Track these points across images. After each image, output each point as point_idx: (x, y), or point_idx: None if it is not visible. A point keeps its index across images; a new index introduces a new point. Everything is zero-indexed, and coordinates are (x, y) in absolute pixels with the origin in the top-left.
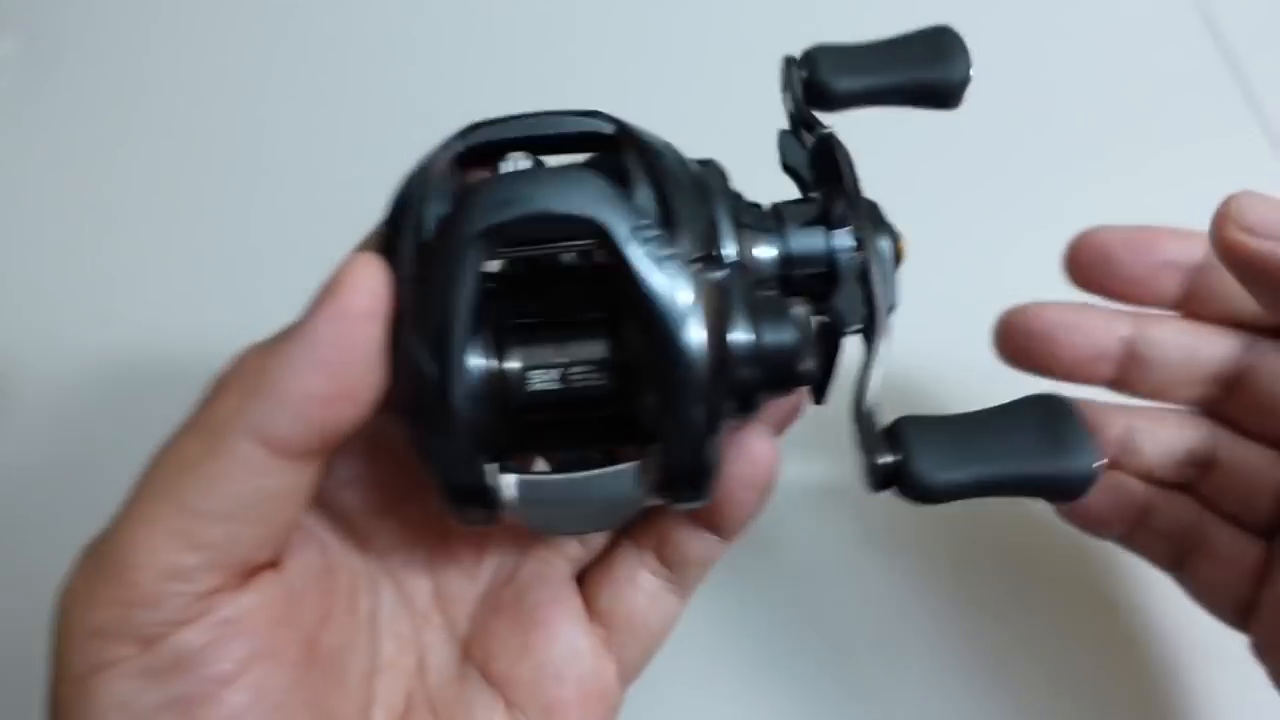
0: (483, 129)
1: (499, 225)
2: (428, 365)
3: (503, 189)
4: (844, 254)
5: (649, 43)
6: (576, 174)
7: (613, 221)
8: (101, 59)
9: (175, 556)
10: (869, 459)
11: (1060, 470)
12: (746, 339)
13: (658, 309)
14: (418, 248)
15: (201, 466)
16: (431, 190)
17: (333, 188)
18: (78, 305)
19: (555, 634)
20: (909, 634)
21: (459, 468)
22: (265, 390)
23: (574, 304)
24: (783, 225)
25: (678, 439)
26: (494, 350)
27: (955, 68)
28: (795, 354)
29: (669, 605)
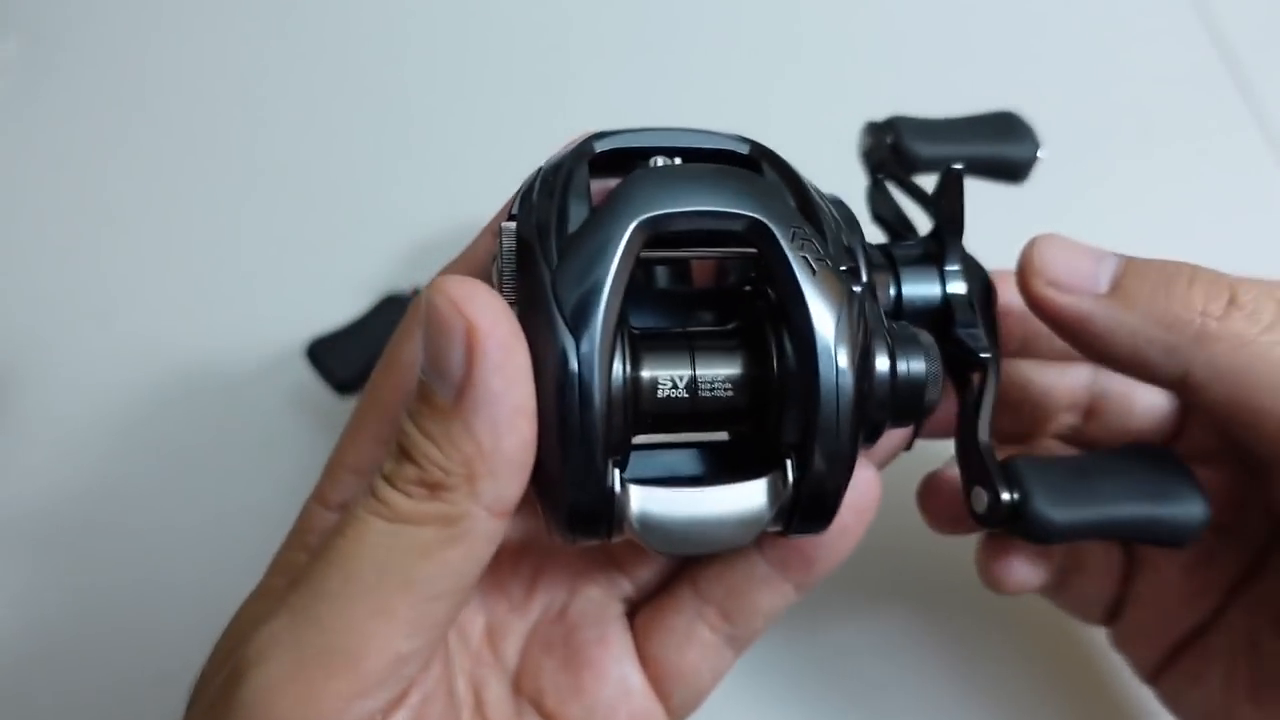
0: (613, 136)
1: (660, 216)
2: (573, 350)
3: (665, 180)
4: (957, 297)
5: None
6: (730, 172)
7: (774, 222)
8: (102, 60)
9: (404, 644)
10: (990, 495)
11: (1172, 515)
12: (887, 363)
13: (811, 313)
14: (560, 226)
15: (441, 553)
16: (571, 188)
17: (333, 188)
18: (78, 305)
19: (605, 675)
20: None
21: (589, 474)
22: (490, 466)
23: (708, 318)
24: (895, 266)
25: (824, 453)
26: (628, 355)
27: (1025, 147)
28: (925, 383)
29: (724, 659)
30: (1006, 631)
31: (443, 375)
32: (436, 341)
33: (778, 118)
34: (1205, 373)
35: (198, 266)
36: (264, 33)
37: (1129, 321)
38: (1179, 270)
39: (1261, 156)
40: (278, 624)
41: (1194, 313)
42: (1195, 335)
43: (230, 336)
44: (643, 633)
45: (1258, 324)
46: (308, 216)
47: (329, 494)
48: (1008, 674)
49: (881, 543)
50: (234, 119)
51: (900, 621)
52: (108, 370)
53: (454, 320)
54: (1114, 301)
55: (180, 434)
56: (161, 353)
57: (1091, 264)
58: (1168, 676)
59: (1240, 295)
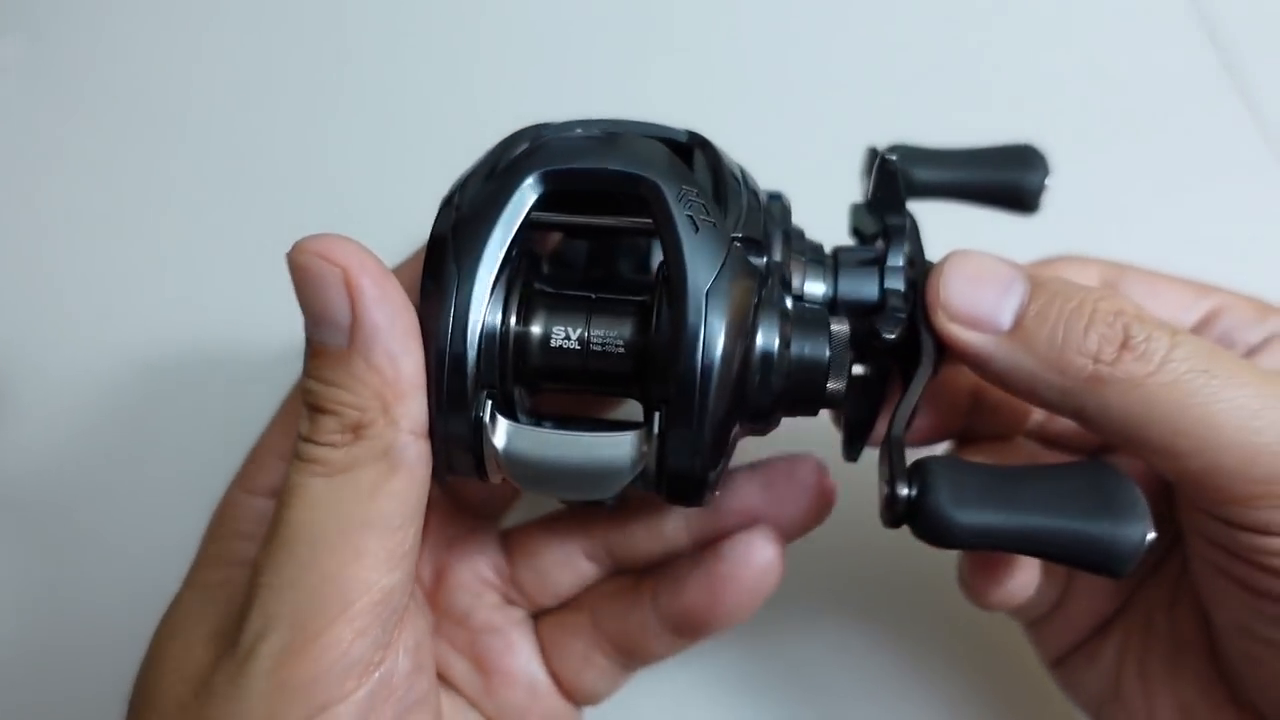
0: (560, 125)
1: (556, 171)
2: (454, 280)
3: (568, 140)
4: (894, 298)
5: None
6: (640, 140)
7: (663, 181)
8: (104, 59)
9: (386, 578)
10: (890, 490)
11: (1107, 533)
12: (773, 342)
13: (686, 265)
14: (484, 181)
15: (386, 486)
16: (499, 164)
17: (333, 188)
18: (78, 304)
19: (514, 680)
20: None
21: (459, 402)
22: (398, 390)
23: (617, 290)
24: (837, 266)
25: (682, 413)
26: (522, 306)
27: (1032, 176)
28: (825, 371)
29: (623, 677)
30: (967, 637)
31: (331, 323)
32: (317, 294)
33: (783, 138)
34: (1098, 414)
35: (198, 265)
36: (264, 32)
37: (1026, 364)
38: (1079, 310)
39: (1261, 156)
40: (264, 602)
41: (1087, 358)
42: (1087, 380)
43: (230, 335)
44: (546, 643)
45: (1149, 364)
46: (307, 216)
47: (256, 479)
48: (969, 680)
49: (842, 549)
50: (234, 118)
51: (859, 628)
52: (107, 368)
53: (327, 270)
54: (1013, 344)
55: (180, 432)
56: (161, 351)
57: (997, 294)
58: (1070, 660)
59: (1133, 335)
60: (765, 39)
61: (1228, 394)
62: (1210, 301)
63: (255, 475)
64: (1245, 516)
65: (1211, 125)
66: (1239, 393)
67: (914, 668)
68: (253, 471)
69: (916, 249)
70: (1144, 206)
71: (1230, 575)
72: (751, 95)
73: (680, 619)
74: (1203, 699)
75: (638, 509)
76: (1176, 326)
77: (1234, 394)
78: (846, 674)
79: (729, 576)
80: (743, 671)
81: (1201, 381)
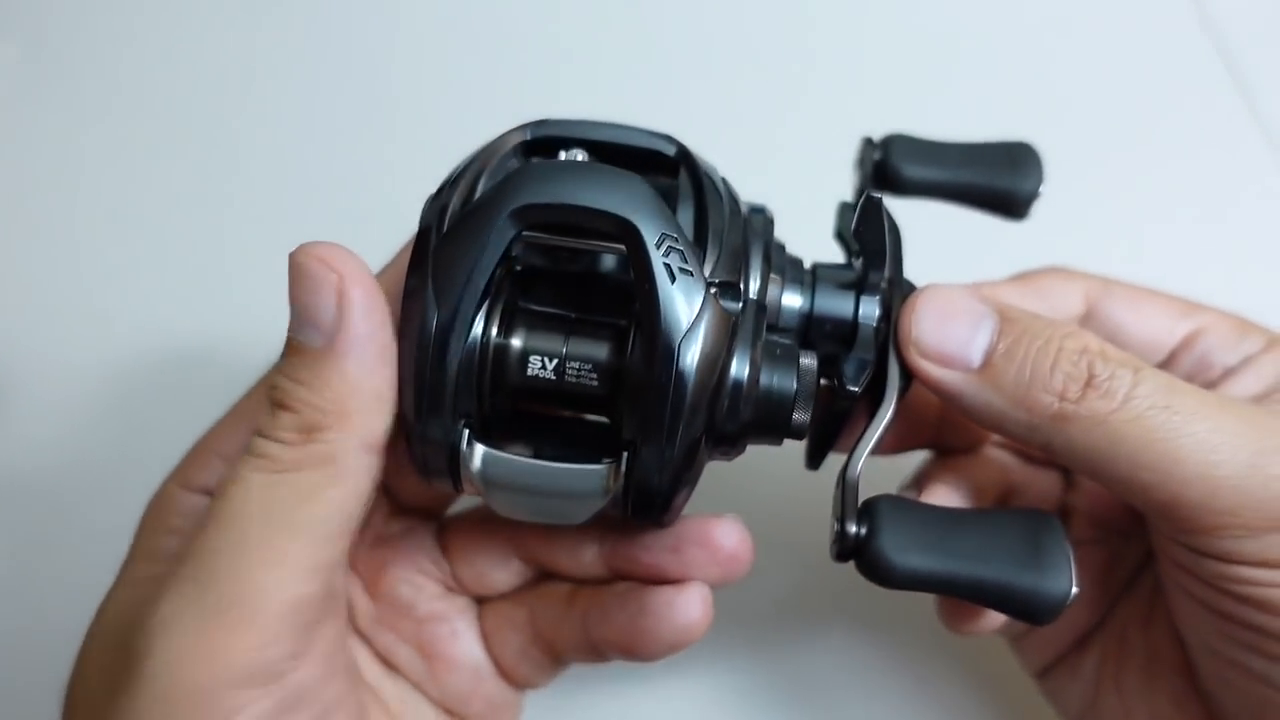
0: (551, 124)
1: (535, 206)
2: (434, 313)
3: (549, 173)
4: (866, 322)
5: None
6: (622, 175)
7: (644, 225)
8: (102, 61)
9: (301, 588)
10: (839, 527)
11: (1032, 586)
12: (744, 374)
13: (660, 315)
14: (462, 210)
15: (325, 493)
16: (490, 167)
17: (333, 187)
18: (77, 304)
19: (458, 665)
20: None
21: (436, 426)
22: (359, 401)
23: (595, 308)
24: (815, 283)
25: (652, 450)
26: (502, 323)
27: (1026, 182)
28: (791, 403)
29: (556, 671)
30: (975, 647)
31: (315, 324)
32: (309, 294)
33: (781, 133)
34: (1063, 449)
35: (198, 265)
36: (263, 32)
37: (995, 401)
38: (1045, 349)
39: (1262, 156)
40: (173, 595)
41: (1053, 396)
42: (1052, 418)
43: (230, 335)
44: (488, 630)
45: (1112, 401)
46: (307, 215)
47: (193, 476)
48: (976, 691)
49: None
50: (233, 118)
51: (867, 637)
52: (106, 368)
53: (324, 274)
54: (982, 382)
55: (180, 432)
56: (161, 350)
57: (967, 331)
58: (1053, 673)
59: (1097, 374)
60: (761, 35)
61: (1189, 429)
62: (1192, 322)
63: (193, 471)
64: (1209, 545)
65: (1213, 126)
66: (1200, 427)
67: (922, 677)
68: (191, 467)
69: (896, 269)
70: (1145, 207)
71: (1198, 599)
72: (744, 87)
73: (603, 647)
74: (1178, 714)
75: (561, 533)
76: (1139, 363)
77: (1195, 429)
78: (853, 683)
79: (649, 631)
80: (752, 681)
81: (1163, 418)
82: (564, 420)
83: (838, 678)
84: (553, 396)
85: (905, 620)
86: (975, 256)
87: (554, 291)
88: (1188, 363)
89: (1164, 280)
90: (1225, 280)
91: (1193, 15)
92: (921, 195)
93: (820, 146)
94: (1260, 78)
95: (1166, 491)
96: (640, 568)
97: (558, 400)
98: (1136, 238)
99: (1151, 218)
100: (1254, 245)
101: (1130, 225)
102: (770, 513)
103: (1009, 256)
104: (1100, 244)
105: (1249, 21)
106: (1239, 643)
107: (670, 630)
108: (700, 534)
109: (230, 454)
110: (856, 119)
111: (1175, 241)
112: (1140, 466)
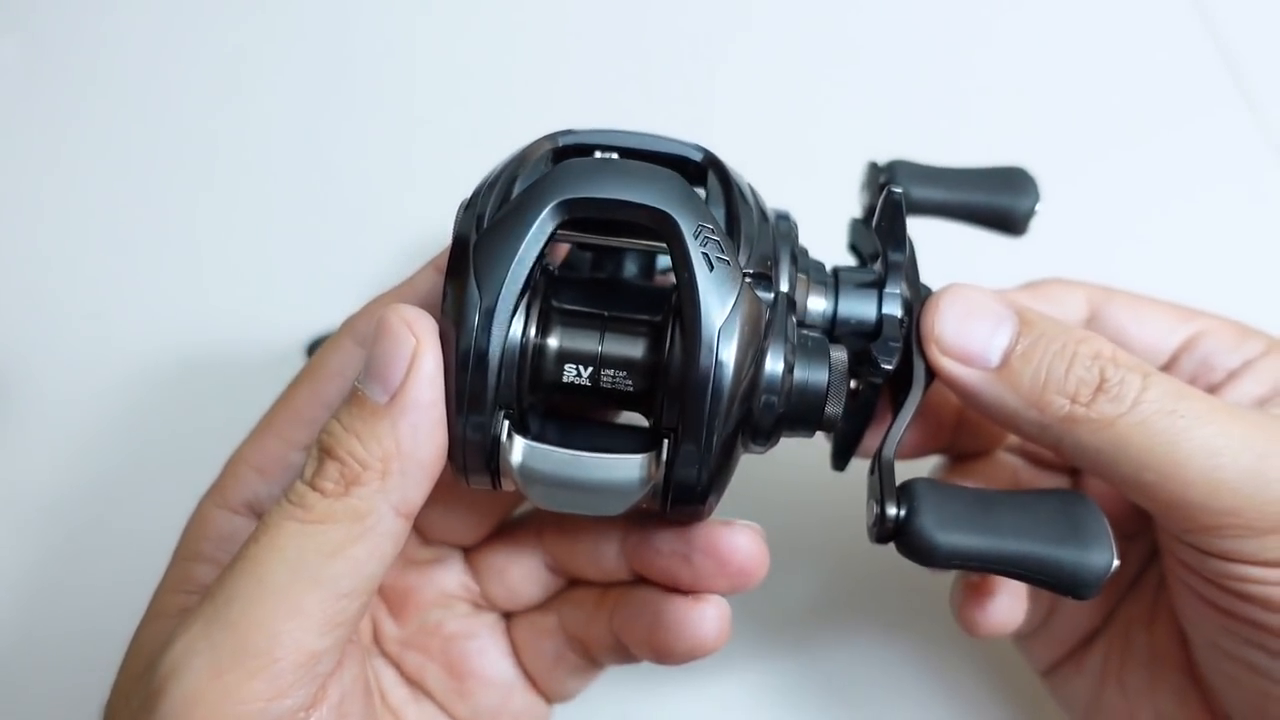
0: (579, 133)
1: (576, 200)
2: (475, 309)
3: (588, 169)
4: (890, 319)
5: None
6: (657, 171)
7: (681, 216)
8: (101, 60)
9: (316, 641)
10: (878, 510)
11: (1074, 559)
12: (779, 365)
13: (700, 303)
14: (498, 211)
15: (350, 551)
16: (523, 171)
17: (333, 188)
18: (77, 304)
19: (488, 680)
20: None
21: (478, 418)
22: (404, 464)
23: (628, 306)
24: (838, 286)
25: (691, 440)
26: (540, 322)
27: (1023, 200)
28: (824, 395)
29: (591, 676)
30: (1001, 647)
31: (381, 380)
32: (385, 351)
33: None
34: (1072, 450)
35: (198, 266)
36: (264, 33)
37: (1010, 400)
38: (1061, 353)
39: (1262, 156)
40: (192, 634)
41: (1065, 398)
42: (1063, 419)
43: (231, 335)
44: (518, 642)
45: (1121, 405)
46: (308, 216)
47: (230, 492)
48: (1003, 690)
49: (880, 556)
50: (234, 118)
51: (895, 638)
52: (107, 369)
53: (404, 335)
54: (1000, 381)
55: (181, 432)
56: (162, 352)
57: (988, 329)
58: (1059, 670)
59: (1108, 378)
60: (772, 48)
61: (1194, 433)
62: (1192, 326)
63: (229, 489)
64: (1211, 544)
65: (1214, 128)
66: (1204, 431)
67: (948, 678)
68: (227, 485)
69: (913, 272)
70: (1145, 209)
71: (1202, 596)
72: (759, 102)
73: (629, 649)
74: (1181, 710)
75: (583, 533)
76: (1149, 368)
77: (1200, 433)
78: (881, 684)
79: (666, 639)
80: (783, 682)
81: (1169, 422)
82: (597, 419)
83: (864, 677)
84: (590, 400)
85: (930, 621)
86: (975, 261)
87: (585, 294)
88: (1190, 365)
89: (1164, 279)
90: (1225, 280)
91: (1193, 15)
92: (925, 214)
93: (824, 166)
94: (1261, 77)
95: (1170, 492)
96: (656, 571)
97: (594, 398)
98: (1137, 238)
99: (1151, 219)
100: (1254, 245)
101: (1130, 226)
102: (798, 513)
103: (1009, 256)
104: (1100, 245)
105: (1249, 22)
106: (1241, 638)
107: (685, 643)
108: (709, 543)
109: (264, 466)
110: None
111: (1175, 241)
112: (1145, 468)
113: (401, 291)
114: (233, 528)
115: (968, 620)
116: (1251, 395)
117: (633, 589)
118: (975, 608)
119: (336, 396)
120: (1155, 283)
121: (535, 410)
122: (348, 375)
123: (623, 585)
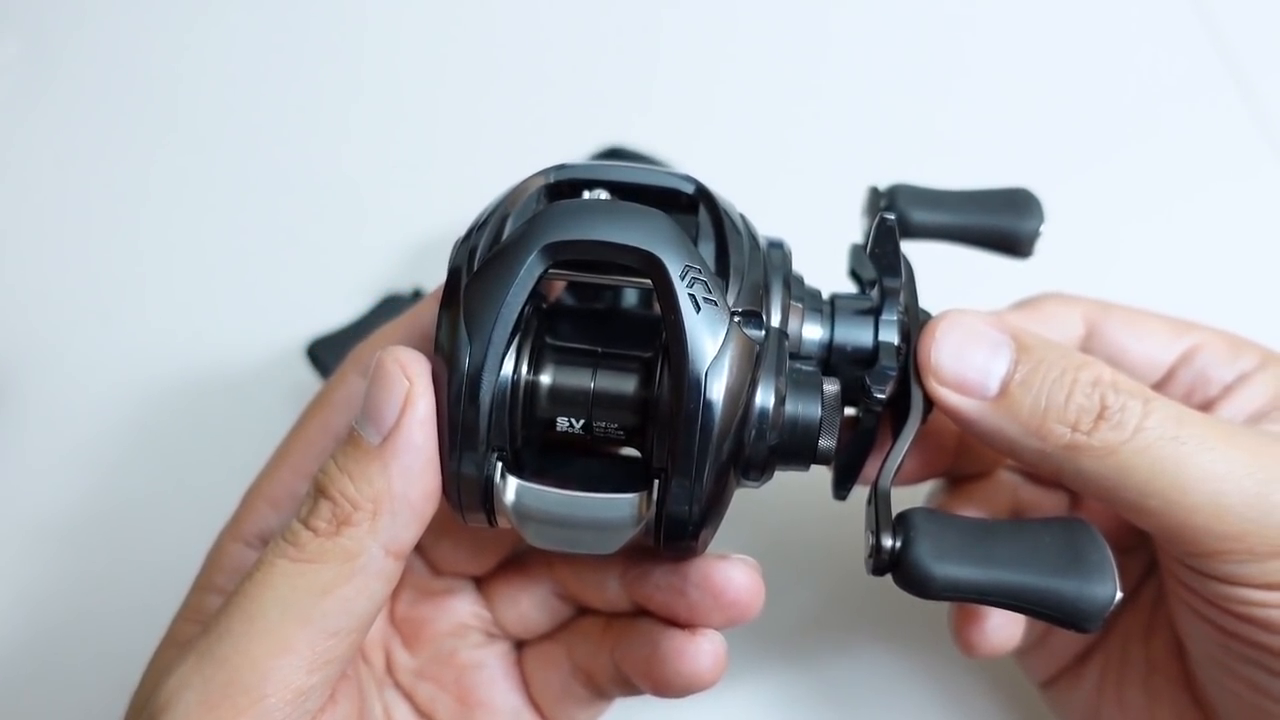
0: (572, 168)
1: (562, 243)
2: (466, 350)
3: (574, 211)
4: (887, 347)
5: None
6: (644, 211)
7: (668, 257)
8: (103, 62)
9: (304, 679)
10: (874, 541)
11: (1075, 591)
12: (769, 401)
13: (687, 346)
14: (490, 250)
15: (340, 590)
16: (515, 210)
17: (334, 189)
18: (79, 306)
19: (497, 710)
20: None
21: (470, 459)
22: (394, 505)
23: (620, 342)
24: (834, 313)
25: (682, 479)
26: (531, 360)
27: (1027, 221)
28: (817, 429)
29: (599, 707)
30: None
31: (375, 422)
32: (379, 392)
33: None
34: (1074, 477)
35: (198, 267)
36: (265, 34)
37: (1010, 429)
38: (1060, 380)
39: (1262, 156)
40: (187, 667)
41: (1066, 427)
42: (1065, 447)
43: (231, 336)
44: (528, 672)
45: (1123, 432)
46: (309, 217)
47: (245, 525)
48: (1007, 703)
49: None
50: (235, 120)
51: (898, 651)
52: (109, 370)
53: (398, 378)
54: (999, 410)
55: (181, 433)
56: (163, 353)
57: (986, 357)
58: (1057, 684)
59: (1109, 405)
60: (767, 70)
61: (1197, 459)
62: (1187, 340)
63: (245, 523)
64: (1214, 568)
65: (1214, 128)
66: (1207, 457)
67: (949, 690)
68: (243, 519)
69: (911, 298)
70: (1146, 210)
71: (1202, 616)
72: (756, 123)
73: (629, 681)
74: None
75: (588, 563)
76: (1149, 393)
77: (1202, 459)
78: (882, 696)
79: (662, 673)
80: (785, 695)
81: (1172, 449)
82: (593, 451)
83: (865, 689)
84: (581, 439)
85: (931, 634)
86: (975, 261)
87: (579, 327)
88: (1186, 379)
89: (1165, 280)
90: (1226, 282)
91: (1193, 16)
92: (927, 238)
93: (822, 190)
94: (1261, 77)
95: (1173, 518)
96: (654, 605)
97: (587, 441)
98: (1137, 239)
99: (1152, 219)
100: (1254, 246)
101: (1131, 224)
102: (801, 527)
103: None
104: (1100, 247)
105: (1249, 23)
106: (1241, 657)
107: (681, 677)
108: (704, 577)
109: (277, 498)
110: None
111: (1175, 241)
112: (1148, 494)
113: (407, 322)
114: (245, 560)
115: (965, 641)
116: (1247, 410)
117: (635, 621)
118: (972, 629)
119: (345, 429)
120: (1156, 285)
121: (531, 445)
122: (355, 407)
123: (626, 616)
